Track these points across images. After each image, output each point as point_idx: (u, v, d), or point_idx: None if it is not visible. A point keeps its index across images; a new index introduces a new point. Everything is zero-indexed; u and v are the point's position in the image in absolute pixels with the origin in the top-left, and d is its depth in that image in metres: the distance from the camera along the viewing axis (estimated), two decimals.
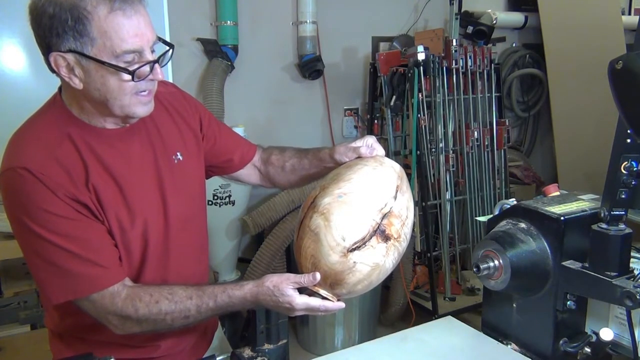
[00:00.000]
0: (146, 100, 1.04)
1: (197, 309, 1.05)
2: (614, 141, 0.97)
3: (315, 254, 0.99)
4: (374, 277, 1.01)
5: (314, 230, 0.99)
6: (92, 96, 1.01)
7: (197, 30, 2.85)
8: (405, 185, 1.08)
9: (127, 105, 1.01)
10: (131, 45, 0.96)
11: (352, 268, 0.97)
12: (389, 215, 1.01)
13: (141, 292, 1.05)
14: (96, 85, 0.99)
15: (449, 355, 1.20)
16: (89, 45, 0.95)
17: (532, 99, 3.99)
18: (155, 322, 1.05)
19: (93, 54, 0.95)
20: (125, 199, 1.07)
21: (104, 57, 0.95)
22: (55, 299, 1.03)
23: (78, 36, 0.94)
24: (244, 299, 1.05)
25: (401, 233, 1.02)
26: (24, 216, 0.99)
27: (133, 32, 0.96)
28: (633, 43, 0.93)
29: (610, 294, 0.98)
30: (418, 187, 2.88)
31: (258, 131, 3.02)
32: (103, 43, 0.94)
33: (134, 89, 1.00)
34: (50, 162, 1.00)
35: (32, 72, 2.21)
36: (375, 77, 3.14)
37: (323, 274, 0.99)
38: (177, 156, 1.18)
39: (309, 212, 1.02)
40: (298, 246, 1.03)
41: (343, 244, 0.97)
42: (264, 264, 2.81)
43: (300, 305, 1.01)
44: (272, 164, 1.37)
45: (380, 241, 0.99)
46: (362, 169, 1.07)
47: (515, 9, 3.84)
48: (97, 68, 0.97)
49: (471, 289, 3.07)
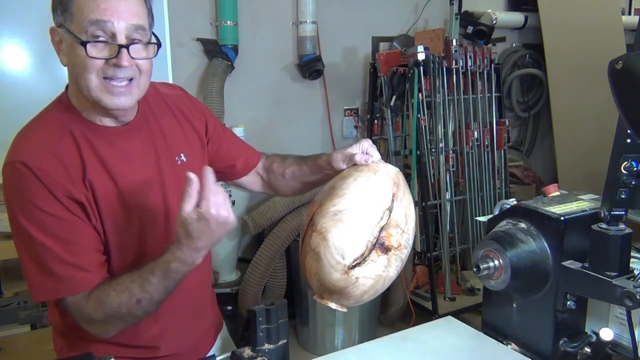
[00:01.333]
0: (116, 91, 1.01)
1: (141, 288, 1.01)
2: (614, 141, 0.97)
3: (319, 272, 0.99)
4: (378, 287, 1.01)
5: (314, 250, 0.99)
6: (72, 75, 1.04)
7: (197, 30, 2.85)
8: (402, 190, 1.07)
9: (93, 88, 1.00)
10: (96, 16, 0.97)
11: (355, 283, 0.98)
12: (387, 227, 1.00)
13: (98, 291, 1.03)
14: (71, 61, 1.02)
15: (449, 355, 1.19)
16: (69, 20, 0.99)
17: (532, 99, 3.99)
18: (117, 317, 1.03)
19: (71, 29, 0.99)
20: (122, 197, 1.07)
21: (76, 31, 0.98)
22: (36, 296, 1.05)
23: (64, 11, 0.99)
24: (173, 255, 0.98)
25: (401, 241, 1.02)
26: (18, 209, 1.00)
27: (103, 6, 0.97)
28: (633, 43, 0.93)
29: (610, 294, 0.98)
30: (418, 187, 2.88)
31: (258, 131, 3.02)
32: (78, 18, 0.98)
33: (98, 70, 0.99)
34: (48, 156, 1.01)
35: (32, 72, 2.21)
36: (375, 77, 3.14)
37: (328, 290, 1.00)
38: (181, 157, 1.18)
39: (309, 230, 1.02)
40: (302, 263, 1.04)
41: (343, 262, 0.97)
42: (264, 264, 2.81)
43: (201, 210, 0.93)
44: (273, 171, 1.37)
45: (380, 254, 0.98)
46: (356, 181, 1.06)
47: (515, 9, 3.84)
48: (71, 42, 1.00)
49: (471, 289, 3.07)
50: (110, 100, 1.02)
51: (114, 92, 1.02)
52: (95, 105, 1.04)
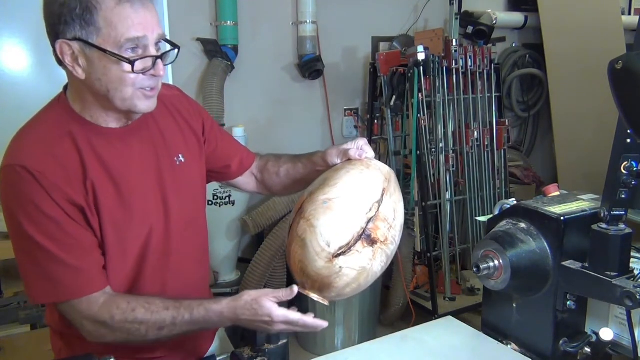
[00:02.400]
0: (149, 95, 1.04)
1: (172, 320, 1.04)
2: (614, 141, 0.97)
3: (303, 260, 1.00)
4: (362, 281, 1.01)
5: (300, 236, 1.00)
6: (94, 87, 1.02)
7: (197, 30, 2.85)
8: (393, 187, 1.08)
9: (128, 98, 1.02)
10: (134, 33, 0.97)
11: (339, 273, 0.98)
12: (375, 219, 1.01)
13: (119, 299, 1.05)
14: (98, 75, 1.00)
15: (449, 355, 1.20)
16: (94, 34, 0.97)
17: (532, 99, 3.99)
18: (129, 332, 1.04)
19: (98, 43, 0.97)
20: (122, 199, 1.07)
21: (108, 46, 0.97)
22: (36, 298, 1.05)
23: (85, 25, 0.96)
24: (221, 314, 1.04)
25: (388, 236, 1.02)
26: (17, 212, 1.00)
27: (138, 21, 0.97)
28: (633, 43, 0.93)
29: (610, 294, 0.98)
30: (418, 187, 2.88)
31: (258, 131, 3.03)
32: (108, 33, 0.97)
33: (135, 83, 1.01)
34: (48, 159, 1.00)
35: (32, 72, 2.21)
36: (375, 77, 3.14)
37: (311, 278, 1.00)
38: (179, 158, 1.19)
39: (297, 217, 1.03)
40: (288, 251, 1.04)
41: (328, 250, 0.97)
42: (264, 264, 2.81)
43: (279, 317, 1.01)
44: (267, 170, 1.38)
45: (366, 245, 0.99)
46: (349, 172, 1.07)
47: (515, 9, 3.84)
48: (101, 57, 0.98)
49: (471, 289, 3.07)
50: (145, 105, 1.05)
51: (148, 97, 1.04)
52: (115, 109, 1.05)
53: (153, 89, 1.05)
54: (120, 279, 1.09)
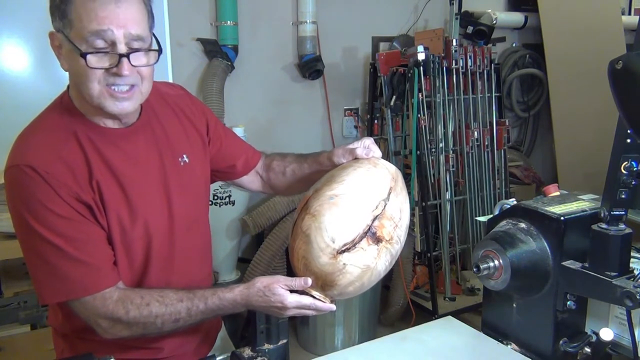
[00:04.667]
0: (119, 97, 1.01)
1: (187, 311, 1.05)
2: (614, 141, 0.97)
3: (306, 255, 0.99)
4: (365, 280, 1.00)
5: (305, 232, 0.99)
6: (73, 82, 1.04)
7: (197, 30, 2.85)
8: (399, 187, 1.07)
9: (96, 96, 1.00)
10: (95, 26, 0.96)
11: (342, 270, 0.97)
12: (381, 217, 1.00)
13: (132, 294, 1.05)
14: (72, 68, 1.01)
15: (449, 355, 1.20)
16: (68, 27, 0.98)
17: (532, 99, 3.99)
18: (145, 326, 1.04)
19: (71, 37, 0.98)
20: (127, 199, 1.07)
21: (76, 39, 0.97)
22: (47, 298, 1.04)
23: (62, 17, 0.98)
24: (234, 301, 1.05)
25: (393, 235, 1.01)
26: (26, 213, 1.00)
27: (103, 15, 0.96)
28: (633, 43, 0.93)
29: (610, 294, 0.98)
30: (418, 187, 2.88)
31: (258, 131, 3.02)
32: (77, 25, 0.97)
33: (100, 79, 0.99)
34: (54, 160, 1.00)
35: (32, 72, 2.21)
36: (375, 77, 3.14)
37: (314, 275, 0.99)
38: (184, 158, 1.18)
39: (302, 213, 1.02)
40: (291, 247, 1.04)
41: (332, 246, 0.96)
42: (264, 264, 2.81)
43: (292, 303, 1.01)
44: (273, 169, 1.37)
45: (371, 243, 0.98)
46: (356, 170, 1.06)
47: (515, 9, 3.84)
48: (71, 50, 0.99)
49: (471, 289, 3.07)
50: (114, 106, 1.02)
51: (117, 98, 1.01)
52: (98, 110, 1.04)
53: (125, 92, 1.01)
54: (125, 279, 1.09)
